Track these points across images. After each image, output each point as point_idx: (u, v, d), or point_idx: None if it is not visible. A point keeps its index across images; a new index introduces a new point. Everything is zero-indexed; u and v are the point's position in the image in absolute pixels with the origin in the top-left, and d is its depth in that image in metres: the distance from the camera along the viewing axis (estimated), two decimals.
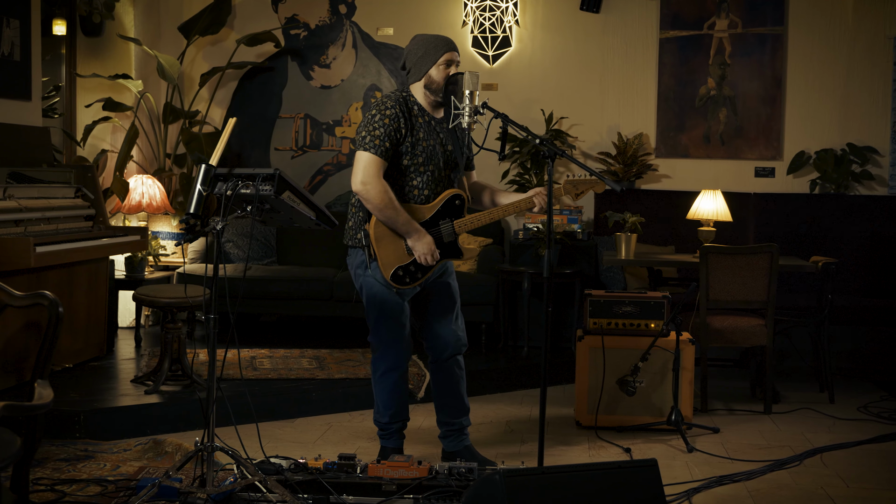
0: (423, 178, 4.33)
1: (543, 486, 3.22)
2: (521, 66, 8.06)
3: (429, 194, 4.35)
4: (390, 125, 4.23)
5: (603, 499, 3.28)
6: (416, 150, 4.30)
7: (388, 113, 4.24)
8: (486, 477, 3.27)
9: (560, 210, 7.53)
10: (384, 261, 4.31)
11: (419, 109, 4.36)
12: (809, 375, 6.82)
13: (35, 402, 2.67)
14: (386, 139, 4.22)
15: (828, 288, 6.23)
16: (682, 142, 7.95)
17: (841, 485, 4.52)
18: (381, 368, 4.51)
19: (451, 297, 4.56)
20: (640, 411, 5.48)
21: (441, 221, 4.35)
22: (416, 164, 4.31)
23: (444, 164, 4.38)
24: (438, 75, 4.31)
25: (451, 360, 4.58)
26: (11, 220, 5.49)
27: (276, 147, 8.34)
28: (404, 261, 4.32)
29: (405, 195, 4.35)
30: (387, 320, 4.42)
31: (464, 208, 4.39)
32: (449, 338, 4.55)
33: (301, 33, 8.27)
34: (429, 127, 4.35)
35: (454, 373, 4.61)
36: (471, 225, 4.36)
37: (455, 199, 4.37)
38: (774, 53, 7.80)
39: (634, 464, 3.41)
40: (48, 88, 7.58)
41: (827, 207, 7.62)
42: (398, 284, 4.33)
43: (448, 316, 4.54)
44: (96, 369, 6.08)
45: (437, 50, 4.32)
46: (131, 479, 4.29)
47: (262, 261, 7.85)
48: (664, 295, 5.57)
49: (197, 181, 3.74)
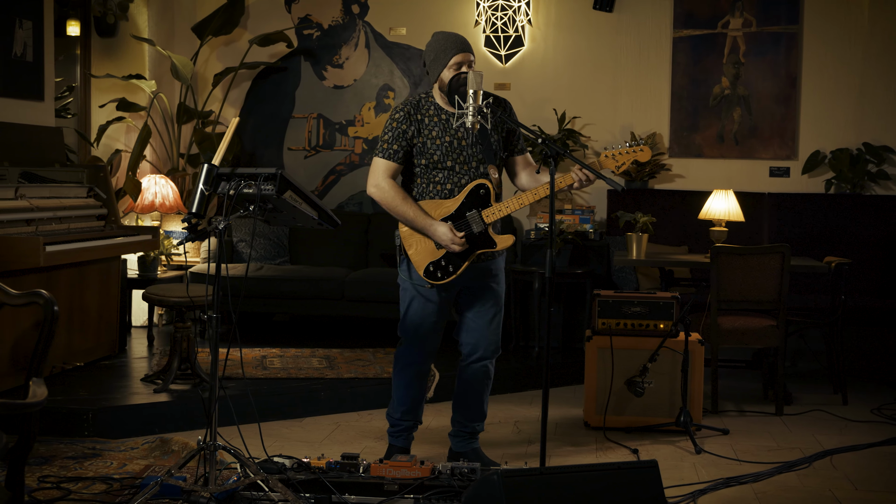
0: (443, 173, 4.37)
1: (542, 487, 3.20)
2: (533, 65, 8.04)
3: (451, 188, 4.38)
4: (397, 129, 4.36)
5: (602, 500, 3.26)
6: (429, 148, 4.35)
7: (395, 117, 4.38)
8: (485, 477, 3.26)
9: (572, 210, 7.50)
10: (415, 258, 4.39)
11: (435, 109, 4.41)
12: (824, 377, 6.76)
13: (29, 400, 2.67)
14: (394, 142, 4.35)
15: (841, 288, 6.18)
16: (695, 141, 7.91)
17: (849, 487, 4.48)
18: (401, 361, 4.58)
19: (490, 301, 4.55)
20: (649, 412, 5.46)
21: (467, 213, 4.35)
22: (433, 161, 4.36)
23: (466, 158, 4.38)
24: (450, 78, 4.33)
25: (478, 363, 4.59)
26: (23, 220, 5.52)
27: (289, 147, 8.35)
28: (435, 256, 4.36)
29: (428, 192, 4.39)
30: (414, 316, 4.47)
31: (490, 197, 4.36)
32: (479, 341, 4.55)
33: (314, 33, 8.28)
34: (445, 125, 4.37)
35: (480, 376, 4.61)
36: (499, 212, 4.33)
37: (479, 188, 4.36)
38: (789, 52, 7.74)
39: (634, 465, 3.40)
40: (62, 89, 7.63)
41: (842, 207, 7.56)
42: (431, 280, 4.37)
43: (483, 319, 4.54)
44: (107, 368, 6.11)
45: (447, 53, 4.34)
46: (137, 477, 4.31)
47: (275, 260, 7.86)
48: (673, 295, 5.54)
49: (199, 181, 3.74)
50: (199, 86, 8.25)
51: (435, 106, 4.41)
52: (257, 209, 3.79)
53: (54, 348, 5.68)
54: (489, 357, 4.59)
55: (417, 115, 4.37)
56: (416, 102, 4.42)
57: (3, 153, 5.71)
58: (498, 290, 4.56)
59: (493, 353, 4.60)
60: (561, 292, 7.22)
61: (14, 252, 5.16)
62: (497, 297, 4.56)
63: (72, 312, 5.90)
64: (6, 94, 6.08)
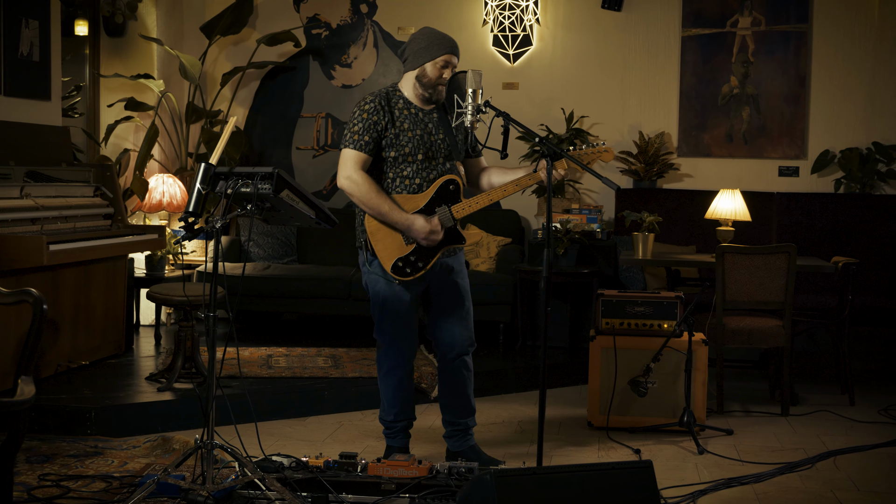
0: (412, 167, 4.35)
1: (535, 487, 3.19)
2: (541, 64, 8.03)
3: (420, 183, 4.36)
4: (368, 119, 4.31)
5: (596, 500, 3.25)
6: (401, 140, 4.33)
7: (366, 108, 4.33)
8: (478, 477, 3.25)
9: (580, 209, 7.48)
10: (383, 254, 4.34)
11: (404, 102, 4.40)
12: (832, 378, 6.72)
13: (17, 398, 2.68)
14: (364, 133, 4.30)
15: (848, 288, 6.14)
16: (704, 141, 7.88)
17: (851, 488, 4.45)
18: (385, 366, 4.54)
19: (459, 297, 4.54)
20: (652, 412, 5.44)
21: (437, 208, 4.34)
22: (403, 154, 4.34)
23: (434, 153, 4.38)
24: (433, 72, 4.33)
25: (457, 360, 4.56)
26: (28, 219, 5.54)
27: (297, 146, 8.36)
28: (404, 251, 4.34)
29: (397, 186, 4.36)
30: (390, 317, 4.43)
31: (459, 193, 4.37)
32: (455, 338, 4.53)
33: (322, 33, 8.29)
34: (415, 118, 4.37)
35: (460, 373, 4.58)
36: (469, 208, 4.34)
37: (449, 184, 4.36)
38: (798, 51, 7.70)
39: (629, 465, 3.38)
40: (69, 88, 7.66)
41: (852, 207, 7.51)
42: (399, 276, 4.34)
43: (455, 315, 4.52)
44: (113, 366, 6.13)
45: (440, 48, 4.33)
46: (136, 475, 4.32)
47: (283, 259, 7.88)
48: (677, 295, 5.51)
49: (196, 180, 3.75)
50: (208, 85, 8.27)
51: (404, 99, 4.40)
52: (255, 208, 3.79)
53: (59, 347, 5.74)
54: (466, 352, 4.57)
55: (387, 106, 4.35)
56: (385, 94, 4.38)
57: (9, 153, 5.73)
58: (463, 284, 4.54)
59: (470, 347, 4.58)
60: (568, 292, 7.20)
61: (18, 251, 5.18)
62: (464, 292, 4.54)
63: (77, 311, 5.92)
64: (13, 94, 6.11)
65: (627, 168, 7.84)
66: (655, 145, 7.75)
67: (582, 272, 6.99)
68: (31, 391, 2.81)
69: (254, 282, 7.24)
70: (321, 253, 7.91)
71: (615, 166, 7.89)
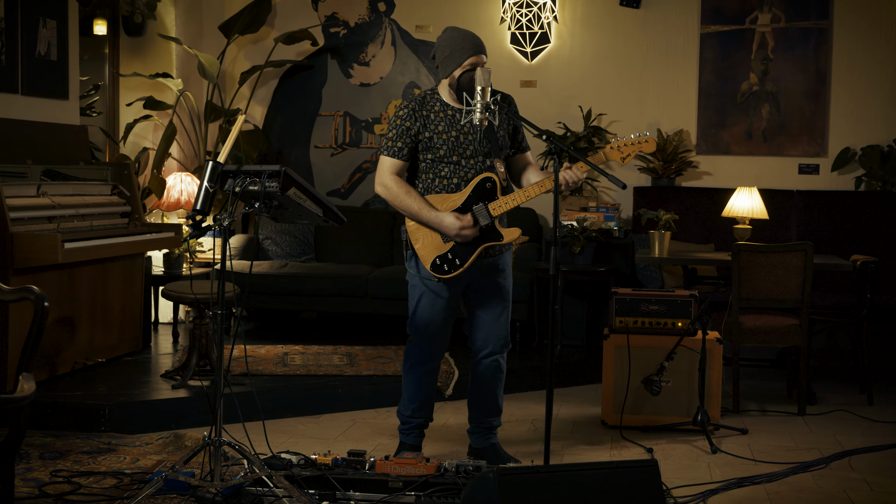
0: (449, 167, 4.39)
1: (538, 486, 3.18)
2: (559, 62, 8.00)
3: (458, 182, 4.40)
4: (401, 126, 4.40)
5: (600, 499, 3.24)
6: (436, 143, 4.38)
7: (400, 114, 4.42)
8: (482, 475, 3.25)
9: (597, 207, 7.45)
10: (422, 252, 4.41)
11: (441, 105, 4.44)
12: (852, 377, 6.66)
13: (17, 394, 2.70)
14: (398, 140, 4.40)
15: (867, 287, 6.08)
16: (723, 138, 7.83)
17: (865, 489, 4.41)
18: (411, 359, 4.59)
19: (499, 296, 4.55)
20: (666, 411, 5.41)
21: (474, 206, 4.36)
22: (438, 156, 4.39)
23: (471, 153, 4.40)
24: (465, 77, 4.35)
25: (489, 358, 4.59)
26: (44, 217, 5.58)
27: (315, 145, 8.38)
28: (442, 250, 4.38)
29: (436, 186, 4.42)
30: (424, 313, 4.49)
31: (496, 190, 4.37)
32: (488, 337, 4.56)
33: (341, 31, 8.30)
34: (451, 120, 4.40)
35: (491, 372, 4.61)
36: (505, 205, 4.34)
37: (485, 182, 4.37)
38: (819, 48, 7.64)
39: (633, 464, 3.36)
40: (88, 87, 7.70)
41: (872, 205, 7.44)
42: (438, 274, 4.38)
43: (491, 314, 4.54)
44: (130, 364, 6.17)
45: (462, 53, 4.36)
46: (147, 472, 4.34)
47: (300, 258, 7.90)
48: (691, 293, 5.48)
49: (204, 178, 3.77)
50: (227, 84, 8.31)
51: (441, 102, 4.44)
52: (262, 206, 3.80)
53: (76, 344, 5.78)
54: (499, 352, 4.59)
55: (423, 111, 4.40)
56: (420, 99, 4.45)
57: (27, 151, 5.78)
58: (505, 285, 4.55)
59: (503, 348, 4.60)
60: (585, 290, 7.18)
61: (33, 249, 5.22)
62: (504, 293, 4.55)
63: (94, 309, 5.96)
64: (30, 93, 6.16)
65: (646, 166, 7.80)
66: (674, 143, 7.70)
67: (598, 270, 6.96)
68: (32, 388, 2.82)
69: (271, 280, 7.26)
70: (339, 251, 7.92)
71: (633, 164, 7.86)
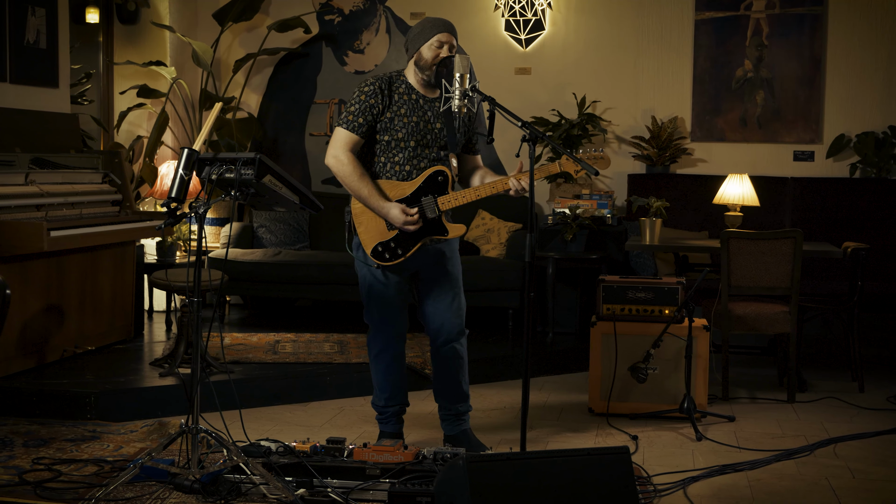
0: (404, 153, 4.34)
1: (508, 473, 3.18)
2: (554, 49, 7.97)
3: (410, 170, 4.35)
4: (365, 101, 4.30)
5: (569, 485, 3.23)
6: (396, 125, 4.32)
7: (365, 90, 4.32)
8: (452, 463, 3.25)
9: (590, 195, 7.43)
10: (365, 237, 4.36)
11: (406, 87, 4.38)
12: (844, 365, 6.64)
13: None
14: (359, 115, 4.30)
15: (858, 274, 6.06)
16: (717, 125, 7.80)
17: (847, 476, 4.40)
18: (374, 349, 4.57)
19: (448, 283, 4.52)
20: (653, 398, 5.40)
21: (423, 198, 4.33)
22: (396, 139, 4.33)
23: (428, 141, 4.36)
24: (429, 53, 4.31)
25: (446, 346, 4.56)
26: (33, 205, 5.58)
27: (311, 132, 8.37)
28: (385, 237, 4.34)
29: (387, 171, 4.36)
30: (376, 300, 4.46)
31: (447, 185, 4.34)
32: (442, 324, 4.52)
33: (335, 19, 8.29)
34: (415, 105, 4.36)
35: (450, 359, 4.58)
36: (455, 201, 4.32)
37: (437, 175, 4.34)
38: (813, 34, 7.59)
39: (604, 451, 3.36)
40: (80, 76, 7.70)
41: (867, 192, 7.40)
42: (378, 260, 4.35)
43: (443, 303, 4.51)
44: (120, 352, 6.18)
45: (432, 29, 4.32)
46: (129, 459, 4.35)
47: (295, 246, 7.90)
48: (679, 280, 5.46)
49: (179, 166, 3.77)
50: (222, 72, 8.30)
51: (406, 84, 4.39)
52: (237, 193, 3.80)
53: (65, 332, 5.79)
54: (455, 339, 4.55)
55: (388, 90, 4.33)
56: (388, 78, 4.38)
57: (15, 139, 5.78)
58: (454, 272, 4.52)
59: (459, 335, 4.56)
60: (577, 278, 7.16)
61: (18, 237, 5.21)
62: (454, 280, 4.52)
63: (84, 297, 5.97)
64: (19, 81, 6.15)
65: (640, 153, 7.78)
66: (668, 130, 7.68)
67: (590, 258, 6.95)
68: None
69: (264, 268, 7.27)
70: (333, 239, 7.91)
71: (628, 151, 7.84)
